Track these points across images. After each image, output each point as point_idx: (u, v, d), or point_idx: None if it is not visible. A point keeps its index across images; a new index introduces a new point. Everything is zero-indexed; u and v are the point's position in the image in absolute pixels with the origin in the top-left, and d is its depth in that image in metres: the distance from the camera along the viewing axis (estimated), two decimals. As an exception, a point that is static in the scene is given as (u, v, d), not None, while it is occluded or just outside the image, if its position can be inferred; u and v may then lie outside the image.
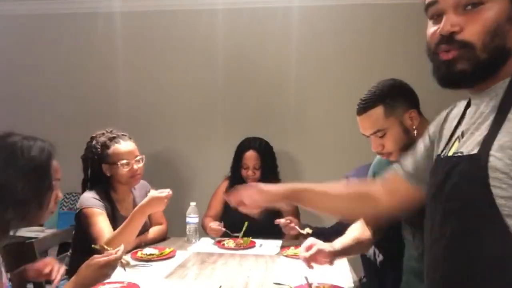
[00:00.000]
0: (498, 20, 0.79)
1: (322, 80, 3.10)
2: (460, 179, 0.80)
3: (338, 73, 3.08)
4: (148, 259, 1.94)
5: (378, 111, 1.53)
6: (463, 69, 0.81)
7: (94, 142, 2.10)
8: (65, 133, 3.23)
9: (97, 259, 1.33)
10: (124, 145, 2.10)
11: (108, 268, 1.33)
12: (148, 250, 2.01)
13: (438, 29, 0.84)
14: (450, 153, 0.88)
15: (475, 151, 0.80)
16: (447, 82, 0.85)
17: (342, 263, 1.88)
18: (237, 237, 2.27)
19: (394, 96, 1.52)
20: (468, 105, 0.94)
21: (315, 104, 3.11)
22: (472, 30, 0.80)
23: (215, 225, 2.35)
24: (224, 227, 2.36)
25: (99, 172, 2.10)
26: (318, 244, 1.62)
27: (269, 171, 2.57)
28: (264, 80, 3.13)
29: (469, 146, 0.83)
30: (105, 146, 2.07)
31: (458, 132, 0.91)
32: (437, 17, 0.86)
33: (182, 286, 1.66)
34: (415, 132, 1.48)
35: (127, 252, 1.98)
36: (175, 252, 2.05)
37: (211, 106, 3.18)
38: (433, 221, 0.87)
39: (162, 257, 1.97)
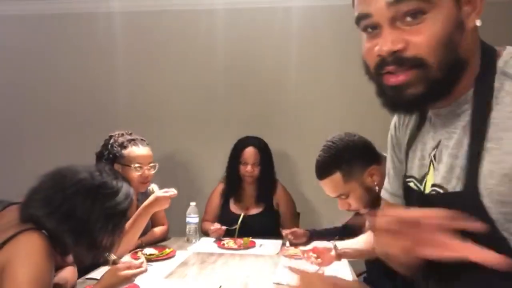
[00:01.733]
0: (447, 30, 0.66)
1: (322, 80, 3.10)
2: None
3: (338, 73, 3.07)
4: (148, 259, 1.94)
5: (336, 178, 1.52)
6: (416, 93, 0.69)
7: (112, 140, 2.10)
8: (65, 133, 3.24)
9: (123, 271, 1.38)
10: (141, 150, 2.10)
11: (132, 280, 1.40)
12: (148, 250, 2.01)
13: (375, 47, 0.70)
14: (428, 185, 0.78)
15: (458, 187, 0.71)
16: (395, 109, 0.76)
17: (342, 263, 1.88)
18: (235, 229, 2.31)
19: (349, 160, 1.50)
20: (422, 116, 0.84)
21: (314, 104, 3.10)
22: (420, 44, 0.66)
23: (214, 227, 2.36)
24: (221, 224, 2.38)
25: None
26: (317, 244, 1.67)
27: (268, 168, 2.58)
28: (264, 80, 3.13)
29: (449, 179, 0.73)
30: (122, 146, 2.07)
31: (427, 152, 0.80)
32: (372, 30, 0.72)
33: (182, 286, 1.66)
34: (377, 188, 1.46)
35: (128, 252, 1.99)
36: (175, 252, 2.06)
37: (211, 106, 3.17)
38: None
39: (162, 257, 1.97)
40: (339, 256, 1.67)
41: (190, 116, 3.19)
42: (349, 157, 1.50)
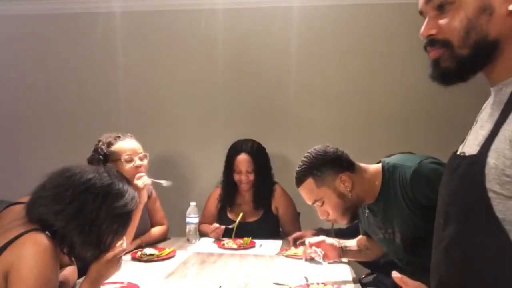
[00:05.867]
0: (470, 15, 0.78)
1: (322, 80, 3.09)
2: (459, 182, 0.80)
3: (338, 73, 3.07)
4: (148, 259, 1.95)
5: (309, 183, 1.61)
6: (447, 67, 0.83)
7: (100, 143, 2.10)
8: (65, 133, 3.24)
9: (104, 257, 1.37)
10: (128, 143, 2.10)
11: (117, 260, 1.37)
12: (148, 250, 2.01)
13: None
14: (458, 152, 0.87)
15: (474, 152, 0.79)
16: (435, 79, 0.87)
17: (342, 264, 1.89)
18: (233, 228, 2.33)
19: (319, 167, 1.59)
20: None
21: (314, 104, 3.10)
22: (448, 29, 0.81)
23: (213, 227, 2.36)
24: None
25: None
26: (326, 238, 1.83)
27: (263, 173, 2.50)
28: (264, 80, 3.12)
29: (471, 146, 0.82)
30: (109, 144, 2.08)
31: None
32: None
33: (182, 286, 1.66)
34: (350, 194, 1.57)
35: (128, 252, 1.99)
36: (175, 252, 2.06)
37: (211, 106, 3.17)
38: (438, 224, 0.87)
39: (162, 257, 1.98)
40: (343, 253, 1.83)
41: (190, 116, 3.19)
42: (320, 163, 1.60)
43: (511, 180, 0.71)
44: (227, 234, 2.37)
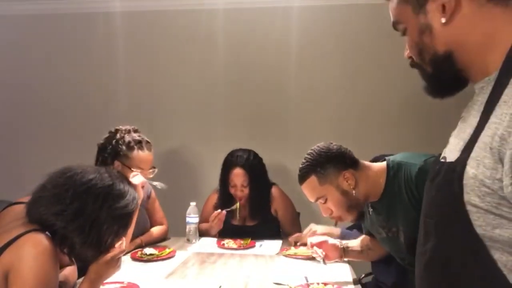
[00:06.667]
0: (414, 38, 0.83)
1: (322, 80, 3.09)
2: (436, 192, 0.76)
3: (339, 73, 3.08)
4: (148, 259, 1.95)
5: (312, 181, 1.60)
6: (426, 83, 0.87)
7: (118, 135, 2.03)
8: (65, 133, 3.24)
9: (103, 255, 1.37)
10: (146, 155, 2.04)
11: (116, 261, 1.37)
12: (148, 250, 2.01)
13: None
14: (441, 156, 0.83)
15: (454, 158, 0.74)
16: (428, 94, 0.89)
17: (342, 263, 1.89)
18: (236, 209, 2.39)
19: (323, 164, 1.59)
20: None
21: (314, 102, 3.10)
22: (411, 52, 0.86)
23: (215, 213, 2.33)
24: (219, 236, 2.41)
25: (109, 164, 2.00)
26: (328, 239, 1.83)
27: (259, 185, 2.47)
28: (264, 79, 3.12)
29: (452, 151, 0.77)
30: (129, 147, 2.00)
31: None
32: None
33: (182, 286, 1.66)
34: (354, 191, 1.56)
35: (128, 252, 1.98)
36: (175, 252, 2.06)
37: (211, 106, 3.17)
38: (420, 234, 0.83)
39: (162, 257, 1.98)
40: (344, 253, 1.82)
41: (190, 116, 3.19)
42: (323, 160, 1.59)
43: (491, 192, 0.65)
44: (229, 232, 2.38)
